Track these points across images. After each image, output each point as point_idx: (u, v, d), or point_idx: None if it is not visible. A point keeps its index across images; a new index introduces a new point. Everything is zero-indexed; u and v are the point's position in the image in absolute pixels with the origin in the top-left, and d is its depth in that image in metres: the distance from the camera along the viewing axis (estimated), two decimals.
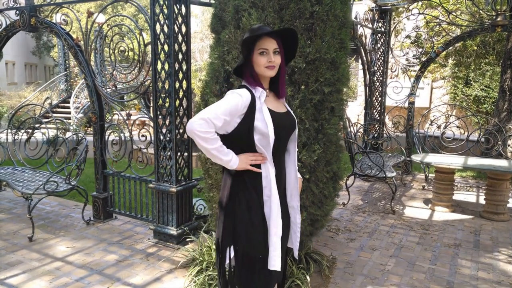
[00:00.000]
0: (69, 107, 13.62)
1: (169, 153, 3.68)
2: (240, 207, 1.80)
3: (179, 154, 3.72)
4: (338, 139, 2.99)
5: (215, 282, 2.82)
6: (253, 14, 2.69)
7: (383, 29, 6.75)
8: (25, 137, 4.92)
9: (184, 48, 3.63)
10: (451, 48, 9.60)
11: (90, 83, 4.19)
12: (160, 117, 3.70)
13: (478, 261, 3.52)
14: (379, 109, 7.00)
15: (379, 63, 6.85)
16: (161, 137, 3.70)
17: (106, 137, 4.27)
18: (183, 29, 3.60)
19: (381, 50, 6.84)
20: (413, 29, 8.55)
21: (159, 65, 3.60)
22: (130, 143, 4.16)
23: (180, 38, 3.57)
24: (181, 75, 3.65)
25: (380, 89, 6.94)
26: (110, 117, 5.40)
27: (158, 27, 3.54)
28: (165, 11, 3.48)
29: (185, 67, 3.67)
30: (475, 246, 3.86)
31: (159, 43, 3.55)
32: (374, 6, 6.69)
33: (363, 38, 6.30)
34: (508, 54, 6.95)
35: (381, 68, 6.89)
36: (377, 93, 6.94)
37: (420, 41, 10.40)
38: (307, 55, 2.70)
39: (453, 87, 10.91)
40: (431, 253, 3.68)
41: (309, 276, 2.94)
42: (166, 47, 3.54)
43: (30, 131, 4.95)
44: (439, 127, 6.41)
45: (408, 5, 6.81)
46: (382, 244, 3.87)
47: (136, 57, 3.88)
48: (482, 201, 5.09)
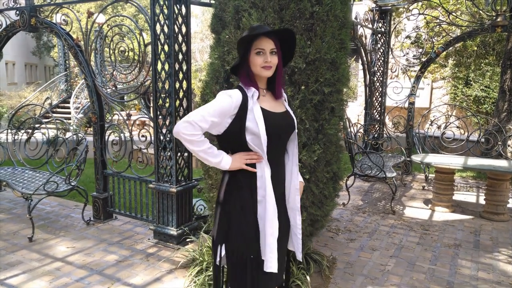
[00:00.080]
0: (69, 107, 13.63)
1: (169, 153, 3.68)
2: (233, 206, 1.79)
3: (179, 154, 3.72)
4: (338, 139, 2.99)
5: None
6: (253, 14, 2.69)
7: (383, 30, 6.75)
8: (25, 137, 4.91)
9: (184, 48, 3.63)
10: (451, 48, 9.60)
11: (90, 83, 4.19)
12: (160, 117, 3.70)
13: (478, 261, 3.52)
14: (379, 109, 7.00)
15: (379, 64, 6.85)
16: (161, 137, 3.71)
17: (106, 137, 4.28)
18: (183, 29, 3.61)
19: (381, 50, 6.84)
20: (413, 29, 8.55)
21: (159, 65, 3.60)
22: (130, 143, 4.16)
23: (180, 38, 3.58)
24: (181, 75, 3.65)
25: (380, 89, 6.94)
26: (110, 117, 5.41)
27: (158, 27, 3.54)
28: (165, 11, 3.48)
29: (185, 67, 3.68)
30: (475, 246, 3.86)
31: (159, 43, 3.56)
32: (374, 6, 6.69)
33: (363, 38, 6.31)
34: (508, 54, 6.95)
35: (381, 68, 6.89)
36: (377, 94, 6.94)
37: (420, 41, 10.39)
38: (307, 56, 2.70)
39: (453, 87, 10.92)
40: (431, 253, 3.68)
41: (309, 276, 2.93)
42: (166, 47, 3.54)
43: (30, 131, 4.94)
44: (439, 127, 6.41)
45: (408, 6, 6.80)
46: (382, 244, 3.87)
47: (136, 57, 3.88)
48: (482, 201, 5.09)
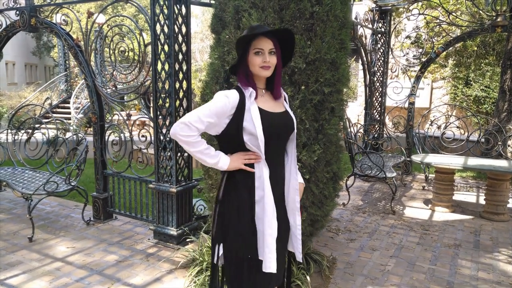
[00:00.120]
0: (69, 108, 13.63)
1: (169, 154, 3.68)
2: (231, 206, 1.79)
3: (179, 154, 3.72)
4: (338, 140, 2.99)
5: None
6: (253, 14, 2.69)
7: (383, 30, 6.76)
8: (25, 137, 4.91)
9: (184, 48, 3.63)
10: (451, 48, 9.60)
11: (90, 83, 4.19)
12: (160, 117, 3.70)
13: (478, 262, 3.52)
14: (379, 109, 7.00)
15: (379, 64, 6.85)
16: (161, 138, 3.71)
17: (106, 137, 4.28)
18: (183, 30, 3.61)
19: (381, 50, 6.84)
20: (413, 29, 8.54)
21: (159, 66, 3.60)
22: (130, 143, 4.16)
23: (180, 38, 3.58)
24: (181, 76, 3.65)
25: (380, 89, 6.94)
26: (110, 118, 5.41)
27: (158, 27, 3.54)
28: (165, 11, 3.48)
29: (185, 68, 3.68)
30: (475, 246, 3.86)
31: (159, 44, 3.56)
32: (374, 6, 6.70)
33: (363, 38, 6.31)
34: (508, 54, 6.95)
35: (381, 68, 6.89)
36: (377, 94, 6.94)
37: (420, 41, 10.39)
38: (307, 56, 2.70)
39: (453, 87, 10.92)
40: (431, 253, 3.68)
41: (309, 276, 2.94)
42: (166, 48, 3.54)
43: (30, 131, 4.94)
44: (439, 127, 6.41)
45: (408, 6, 6.80)
46: (382, 244, 3.87)
47: (136, 58, 3.88)
48: (482, 201, 5.09)
